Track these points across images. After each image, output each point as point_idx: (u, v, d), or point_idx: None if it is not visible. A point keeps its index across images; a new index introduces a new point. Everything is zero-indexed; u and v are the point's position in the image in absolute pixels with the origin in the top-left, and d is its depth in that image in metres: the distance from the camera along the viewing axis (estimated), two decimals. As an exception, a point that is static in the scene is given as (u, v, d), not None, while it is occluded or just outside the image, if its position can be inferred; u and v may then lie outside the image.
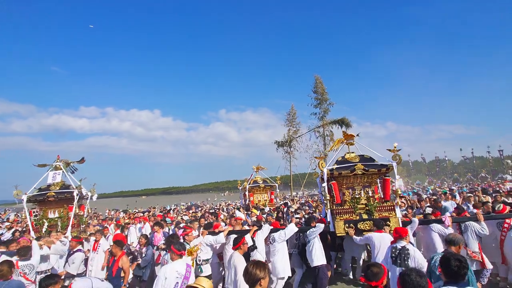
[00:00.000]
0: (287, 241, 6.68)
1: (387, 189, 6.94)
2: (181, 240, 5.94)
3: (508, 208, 7.09)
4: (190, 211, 20.46)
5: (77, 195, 8.25)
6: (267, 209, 16.03)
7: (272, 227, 6.77)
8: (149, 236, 10.12)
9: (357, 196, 6.92)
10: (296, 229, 6.61)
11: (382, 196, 7.02)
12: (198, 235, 6.97)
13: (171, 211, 23.28)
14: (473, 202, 10.20)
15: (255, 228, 6.68)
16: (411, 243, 6.08)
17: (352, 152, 7.44)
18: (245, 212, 13.77)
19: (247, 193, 14.03)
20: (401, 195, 10.58)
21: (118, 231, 9.86)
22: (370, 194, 6.93)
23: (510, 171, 42.13)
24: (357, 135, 7.68)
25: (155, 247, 7.47)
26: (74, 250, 6.93)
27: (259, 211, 13.76)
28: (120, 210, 27.66)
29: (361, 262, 7.83)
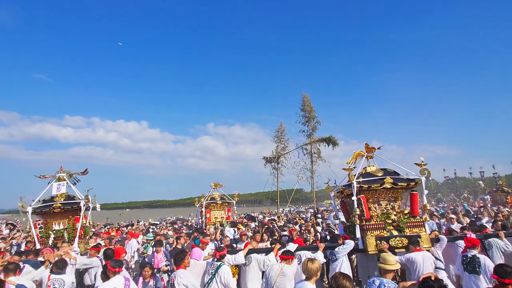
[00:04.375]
0: None
1: (415, 204, 6.68)
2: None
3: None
4: (176, 226, 19.76)
5: (83, 205, 8.10)
6: (252, 225, 15.70)
7: (297, 245, 6.45)
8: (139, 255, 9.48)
9: (385, 212, 6.64)
10: (324, 260, 6.29)
11: (409, 211, 6.76)
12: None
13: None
14: (455, 223, 10.46)
15: (278, 246, 6.28)
16: (440, 260, 6.16)
17: (373, 166, 7.24)
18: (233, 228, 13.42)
19: (203, 209, 13.66)
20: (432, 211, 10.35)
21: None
22: (397, 209, 6.71)
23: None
24: (379, 148, 7.44)
25: (156, 270, 6.79)
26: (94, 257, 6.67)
27: (244, 228, 13.49)
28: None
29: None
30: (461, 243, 6.50)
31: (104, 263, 6.59)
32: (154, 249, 7.79)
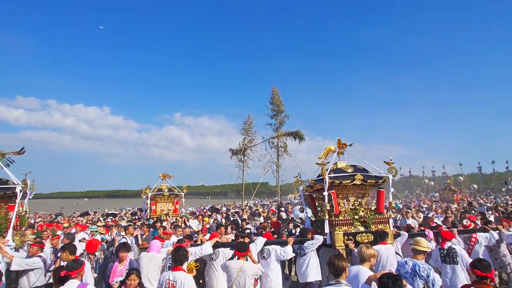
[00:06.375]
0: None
1: (382, 202, 6.80)
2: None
3: (472, 224, 7.72)
4: (136, 217, 18.88)
5: (20, 191, 6.98)
6: (218, 217, 15.48)
7: (265, 239, 6.37)
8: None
9: (353, 208, 6.67)
10: (293, 254, 6.27)
11: (375, 208, 6.83)
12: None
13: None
14: (411, 218, 11.31)
15: (247, 240, 6.09)
16: (399, 255, 6.42)
17: (344, 162, 7.24)
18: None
19: (149, 201, 13.17)
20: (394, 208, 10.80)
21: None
22: (364, 206, 6.79)
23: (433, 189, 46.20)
24: (350, 145, 7.42)
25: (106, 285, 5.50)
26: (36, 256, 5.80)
27: (212, 220, 13.27)
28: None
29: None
30: None
31: (49, 263, 5.93)
32: (116, 256, 5.87)
